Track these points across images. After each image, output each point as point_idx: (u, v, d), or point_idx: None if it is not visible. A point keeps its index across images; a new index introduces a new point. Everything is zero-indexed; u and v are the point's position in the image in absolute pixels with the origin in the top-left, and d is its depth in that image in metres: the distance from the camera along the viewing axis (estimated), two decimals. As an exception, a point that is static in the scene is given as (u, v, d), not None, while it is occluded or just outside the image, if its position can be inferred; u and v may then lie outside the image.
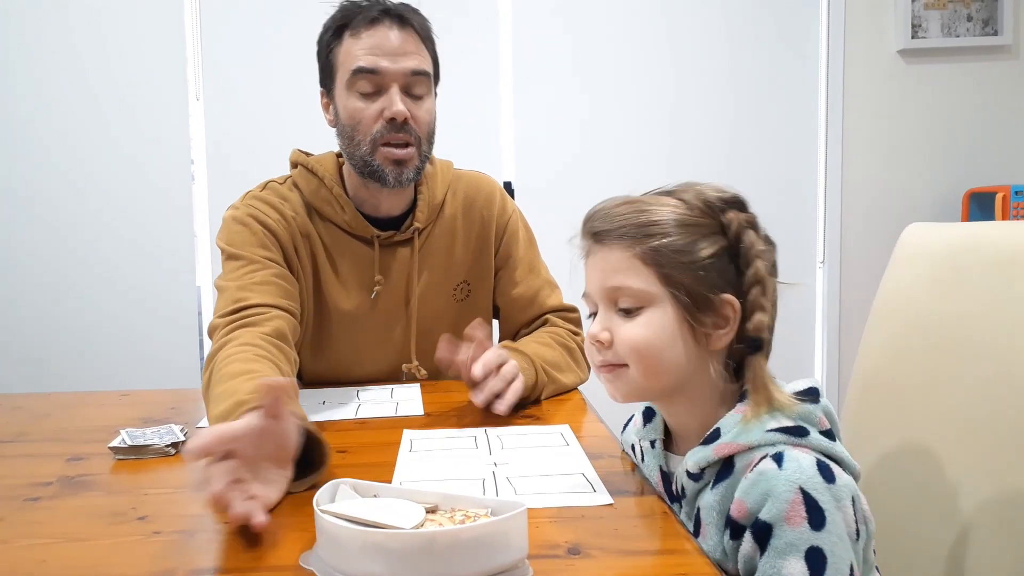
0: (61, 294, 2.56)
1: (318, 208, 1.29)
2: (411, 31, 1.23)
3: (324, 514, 0.62)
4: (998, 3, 2.63)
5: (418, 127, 1.24)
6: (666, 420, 0.87)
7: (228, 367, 0.98)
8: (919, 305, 1.01)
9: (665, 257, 0.77)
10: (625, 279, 0.79)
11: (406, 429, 1.05)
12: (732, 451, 0.75)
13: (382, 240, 1.30)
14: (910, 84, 2.69)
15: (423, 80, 1.24)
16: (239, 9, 2.54)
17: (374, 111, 1.22)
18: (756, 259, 0.77)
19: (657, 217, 0.79)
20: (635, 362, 0.80)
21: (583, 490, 0.81)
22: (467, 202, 1.37)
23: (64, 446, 1.03)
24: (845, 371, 2.71)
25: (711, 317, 0.78)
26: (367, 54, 1.20)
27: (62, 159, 2.54)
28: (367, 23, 1.21)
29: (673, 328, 0.78)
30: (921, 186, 2.71)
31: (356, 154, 1.24)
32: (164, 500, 0.82)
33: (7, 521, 0.77)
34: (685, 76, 2.65)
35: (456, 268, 1.36)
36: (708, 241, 0.78)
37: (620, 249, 0.79)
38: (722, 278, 0.78)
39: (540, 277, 1.41)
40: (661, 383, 0.81)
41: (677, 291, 0.77)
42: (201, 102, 2.54)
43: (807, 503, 0.69)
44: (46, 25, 2.51)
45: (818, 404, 0.77)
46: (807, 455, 0.72)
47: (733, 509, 0.72)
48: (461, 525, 0.61)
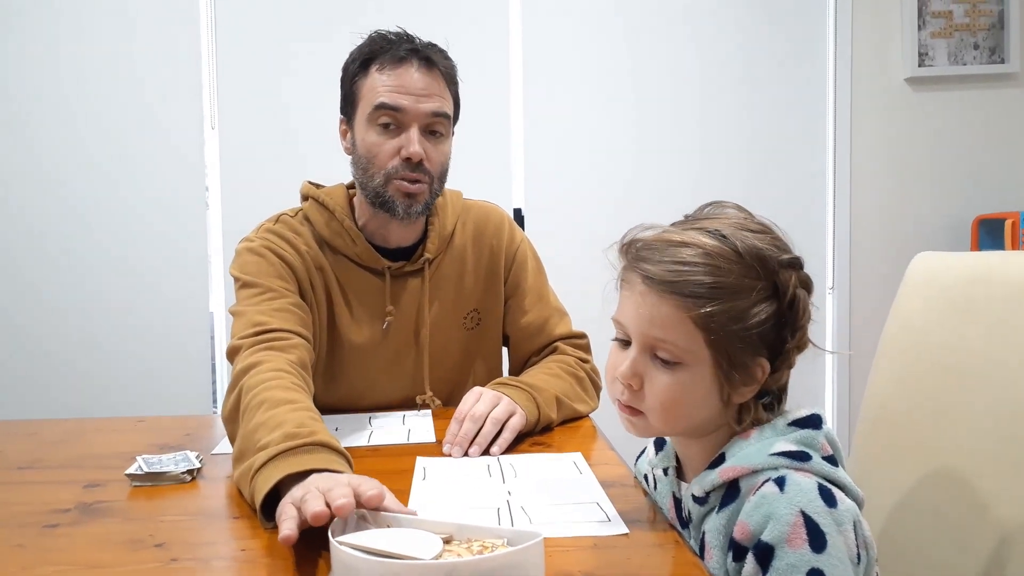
0: (75, 319, 2.58)
1: (329, 241, 1.30)
2: (436, 73, 1.26)
3: (342, 545, 0.63)
4: (1004, 32, 2.65)
5: (432, 167, 1.26)
6: (676, 450, 0.88)
7: (267, 393, 0.98)
8: (928, 334, 1.02)
9: (718, 323, 0.75)
10: (671, 335, 0.76)
11: (419, 457, 1.05)
12: (736, 474, 0.76)
13: (393, 271, 1.32)
14: (918, 112, 2.70)
15: (443, 122, 1.27)
16: (255, 38, 2.58)
17: (392, 147, 1.24)
18: (806, 324, 0.77)
19: (717, 279, 0.75)
20: (657, 416, 0.79)
21: (598, 519, 0.81)
22: (477, 232, 1.39)
23: (81, 472, 1.04)
24: (856, 398, 2.70)
25: (743, 376, 0.78)
26: (391, 91, 1.23)
27: (78, 186, 2.57)
28: (395, 61, 1.24)
29: (706, 388, 0.78)
30: (930, 212, 2.72)
31: (369, 184, 1.27)
32: (181, 527, 0.83)
33: (27, 548, 0.78)
34: (694, 103, 2.67)
35: (466, 297, 1.38)
36: (762, 307, 0.76)
37: (672, 304, 0.76)
38: (763, 341, 0.77)
39: (549, 305, 1.42)
40: (674, 430, 0.82)
41: (719, 355, 0.76)
42: (216, 130, 2.58)
43: (808, 526, 0.69)
44: (64, 56, 2.55)
45: (820, 430, 0.78)
46: (809, 479, 0.72)
47: (736, 531, 0.73)
48: (480, 555, 0.61)
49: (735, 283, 0.75)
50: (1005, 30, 2.65)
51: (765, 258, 0.76)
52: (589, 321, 1.31)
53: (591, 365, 1.38)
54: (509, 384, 1.20)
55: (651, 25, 2.65)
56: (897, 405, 1.05)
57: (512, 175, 2.63)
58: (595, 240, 3.02)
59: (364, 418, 1.28)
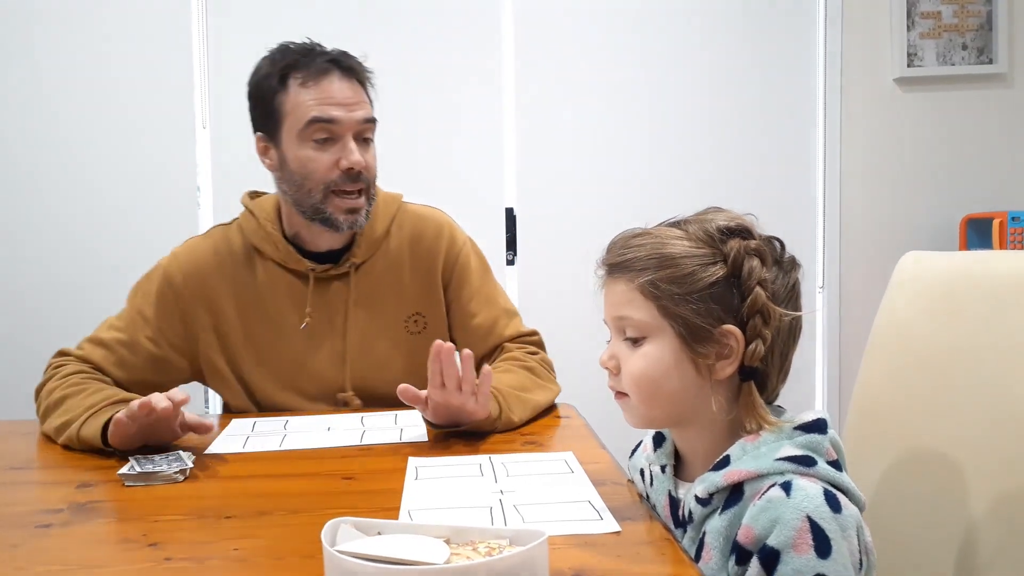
0: (66, 318, 2.57)
1: (258, 246, 1.35)
2: (356, 80, 1.29)
3: (343, 555, 0.60)
4: (992, 32, 2.67)
5: (369, 173, 1.30)
6: (677, 446, 0.88)
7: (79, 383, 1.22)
8: (916, 333, 1.03)
9: (662, 290, 0.79)
10: (628, 310, 0.82)
11: (411, 456, 1.06)
12: (741, 478, 0.76)
13: (317, 274, 1.34)
14: (907, 111, 2.72)
15: (372, 127, 1.31)
16: (246, 36, 2.57)
17: (328, 160, 1.27)
18: (756, 288, 0.78)
19: (659, 251, 0.81)
20: (634, 392, 0.82)
21: (590, 517, 0.82)
22: (414, 236, 1.40)
23: (73, 473, 1.04)
24: (845, 395, 2.72)
25: (713, 348, 0.79)
26: (321, 104, 1.25)
27: (68, 184, 2.56)
28: (317, 73, 1.26)
29: (671, 359, 0.80)
30: (919, 212, 2.73)
31: (306, 201, 1.29)
32: (174, 527, 0.83)
33: (20, 548, 0.78)
34: (684, 103, 2.68)
35: (406, 301, 1.38)
36: (706, 272, 0.79)
37: (624, 281, 0.82)
38: (725, 309, 0.79)
39: (497, 307, 1.42)
40: (662, 412, 0.83)
41: (675, 323, 0.79)
42: (207, 130, 2.57)
43: (814, 531, 0.70)
44: (53, 54, 2.54)
45: (826, 435, 0.78)
46: (815, 484, 0.73)
47: (740, 535, 0.74)
48: (492, 557, 0.61)
49: (675, 251, 0.80)
50: (993, 31, 2.67)
51: (709, 229, 0.81)
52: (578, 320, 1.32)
53: (540, 356, 1.38)
54: None
55: (642, 25, 2.66)
56: (886, 401, 1.06)
57: (504, 174, 2.64)
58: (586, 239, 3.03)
59: (356, 418, 1.28)
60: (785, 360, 0.82)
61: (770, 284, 0.79)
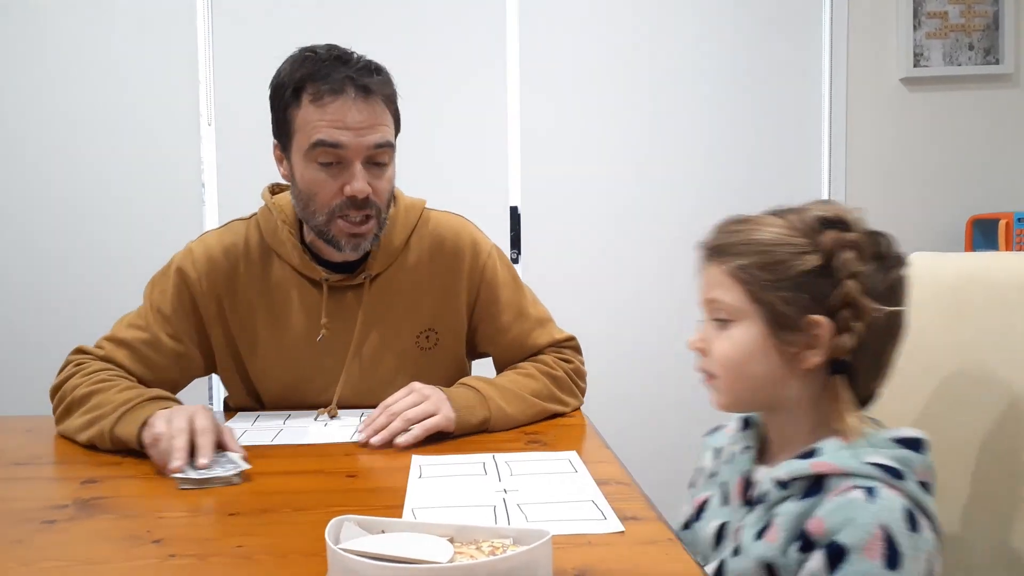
0: (71, 315, 2.58)
1: (275, 248, 1.30)
2: (375, 100, 1.18)
3: (348, 553, 0.60)
4: (999, 33, 2.66)
5: (378, 199, 1.21)
6: (766, 431, 0.89)
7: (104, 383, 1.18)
8: (922, 333, 1.03)
9: (752, 275, 0.80)
10: (718, 293, 0.84)
11: (414, 455, 1.06)
12: (828, 470, 0.76)
13: (331, 283, 1.29)
14: (913, 112, 2.71)
15: (387, 152, 1.21)
16: (252, 34, 2.58)
17: (334, 186, 1.19)
18: (848, 280, 0.78)
19: (753, 236, 0.82)
20: (721, 373, 0.84)
21: (594, 517, 0.82)
22: (434, 247, 1.33)
23: (78, 468, 1.04)
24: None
25: (800, 336, 0.79)
26: (329, 127, 1.16)
27: (74, 182, 2.57)
28: (330, 92, 1.16)
29: (757, 344, 0.81)
30: (925, 212, 2.73)
31: (311, 221, 1.23)
32: (179, 523, 0.84)
33: (25, 544, 0.78)
34: (690, 103, 2.68)
35: (421, 316, 1.33)
36: (798, 260, 0.79)
37: (717, 264, 0.84)
38: (815, 299, 0.79)
39: (529, 319, 1.37)
40: (747, 396, 0.84)
41: (763, 308, 0.80)
42: (213, 127, 2.57)
43: (888, 542, 0.70)
44: (60, 51, 2.54)
45: (921, 455, 0.78)
46: (899, 498, 0.73)
47: (811, 524, 0.74)
48: (496, 556, 0.61)
49: (769, 238, 0.81)
50: (1000, 31, 2.66)
51: (807, 218, 0.82)
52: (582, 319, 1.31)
53: (574, 365, 1.35)
54: (467, 384, 1.21)
55: (647, 25, 2.66)
56: (891, 402, 1.05)
57: (509, 173, 2.64)
58: (590, 237, 3.03)
59: (356, 414, 1.28)
60: (880, 359, 0.82)
61: (865, 277, 0.79)
